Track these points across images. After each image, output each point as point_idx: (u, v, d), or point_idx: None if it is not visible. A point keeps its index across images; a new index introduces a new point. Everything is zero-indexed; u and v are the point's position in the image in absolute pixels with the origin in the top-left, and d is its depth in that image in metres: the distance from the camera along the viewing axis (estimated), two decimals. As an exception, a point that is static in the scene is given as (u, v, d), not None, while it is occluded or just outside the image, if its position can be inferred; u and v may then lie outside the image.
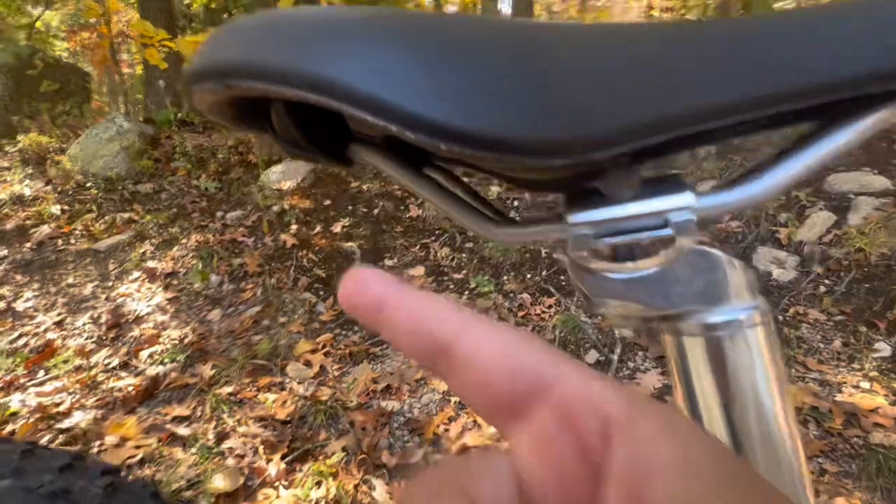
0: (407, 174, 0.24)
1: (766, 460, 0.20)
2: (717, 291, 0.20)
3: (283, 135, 0.23)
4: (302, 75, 0.17)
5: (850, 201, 2.37)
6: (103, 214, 3.08)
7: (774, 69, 0.17)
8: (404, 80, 0.17)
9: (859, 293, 2.03)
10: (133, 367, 1.97)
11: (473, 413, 1.66)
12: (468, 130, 0.17)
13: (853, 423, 1.52)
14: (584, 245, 0.21)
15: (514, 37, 0.18)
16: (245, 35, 0.20)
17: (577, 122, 0.17)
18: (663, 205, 0.20)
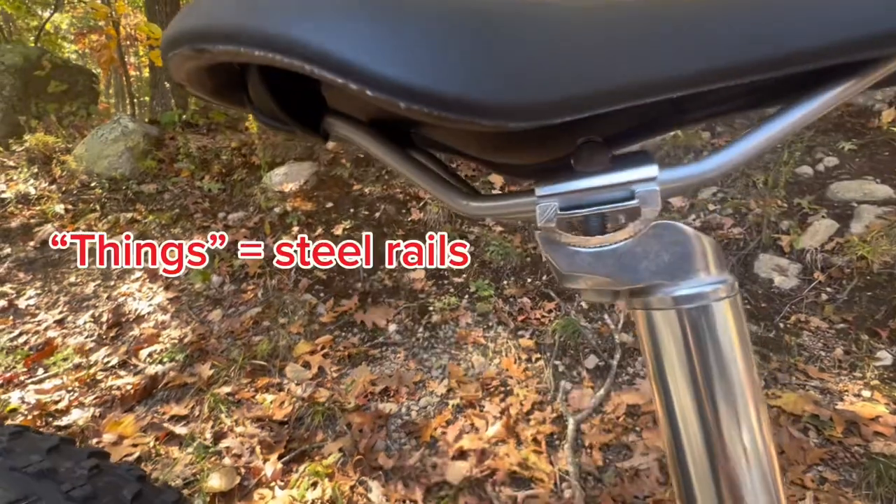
0: (388, 151, 0.24)
1: (731, 434, 0.20)
2: (685, 265, 0.21)
3: (260, 106, 0.23)
4: (267, 36, 0.18)
5: (853, 209, 2.36)
6: (107, 214, 3.10)
7: (723, 44, 0.17)
8: (367, 40, 0.17)
9: (861, 301, 2.01)
10: (132, 366, 1.97)
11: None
12: (426, 90, 0.17)
13: (854, 432, 1.51)
14: (551, 216, 0.21)
15: (476, 6, 0.19)
16: (216, 2, 0.20)
17: (529, 88, 0.18)
18: (628, 177, 0.21)
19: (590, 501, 1.37)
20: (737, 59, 0.17)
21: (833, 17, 0.17)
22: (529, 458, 1.49)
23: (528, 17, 0.18)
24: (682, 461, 0.21)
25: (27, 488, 0.29)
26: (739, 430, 0.21)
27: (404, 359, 1.97)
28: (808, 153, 2.77)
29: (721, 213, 2.58)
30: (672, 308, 0.21)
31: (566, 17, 0.18)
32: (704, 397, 0.21)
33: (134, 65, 11.76)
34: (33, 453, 0.33)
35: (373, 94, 0.17)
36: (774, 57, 0.17)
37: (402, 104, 0.17)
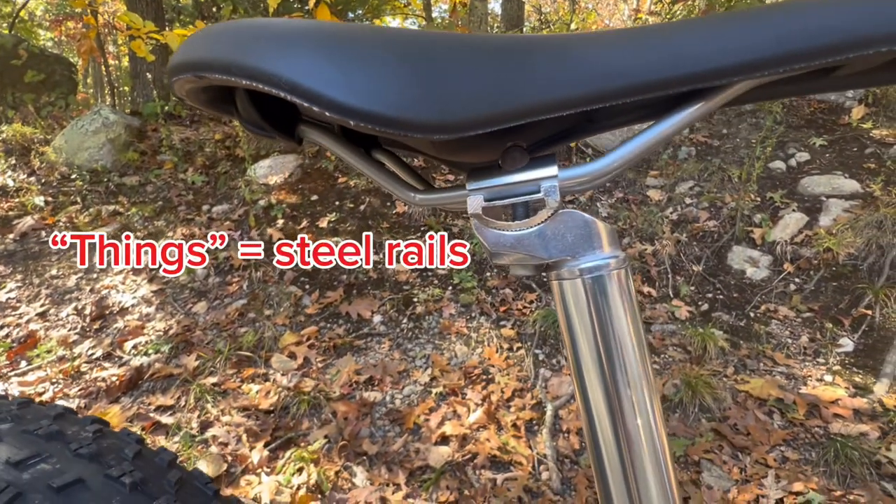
0: (351, 153, 0.29)
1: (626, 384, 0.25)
2: (585, 244, 0.26)
3: (245, 116, 0.28)
4: (252, 70, 0.23)
5: (822, 203, 2.46)
6: (88, 206, 3.07)
7: (607, 72, 0.22)
8: (325, 74, 0.22)
9: (827, 291, 2.11)
10: (117, 358, 1.98)
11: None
12: (369, 111, 0.22)
13: (815, 414, 1.60)
14: (477, 206, 0.26)
15: (408, 43, 0.23)
16: (214, 38, 0.25)
17: (451, 110, 0.23)
18: (535, 175, 0.26)
19: (566, 482, 1.44)
20: (618, 83, 0.22)
21: (681, 56, 0.22)
22: (509, 442, 1.55)
23: (450, 50, 0.23)
24: (588, 410, 0.27)
25: (39, 447, 0.33)
26: (627, 378, 0.26)
27: (389, 349, 2.01)
28: (780, 148, 2.86)
29: (697, 206, 2.65)
30: (578, 278, 0.26)
31: (478, 49, 0.23)
32: (602, 348, 0.26)
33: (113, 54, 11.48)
34: (41, 419, 0.36)
35: (330, 114, 0.22)
36: (640, 84, 0.22)
37: (351, 122, 0.22)
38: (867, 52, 0.19)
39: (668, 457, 0.26)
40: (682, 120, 0.24)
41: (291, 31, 0.24)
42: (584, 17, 6.60)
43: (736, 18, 0.22)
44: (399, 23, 8.69)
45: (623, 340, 0.26)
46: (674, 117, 0.24)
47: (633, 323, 0.26)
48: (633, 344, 0.26)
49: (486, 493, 1.38)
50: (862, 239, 2.17)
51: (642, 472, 0.26)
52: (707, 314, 2.12)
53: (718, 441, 1.52)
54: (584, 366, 0.27)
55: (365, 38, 0.24)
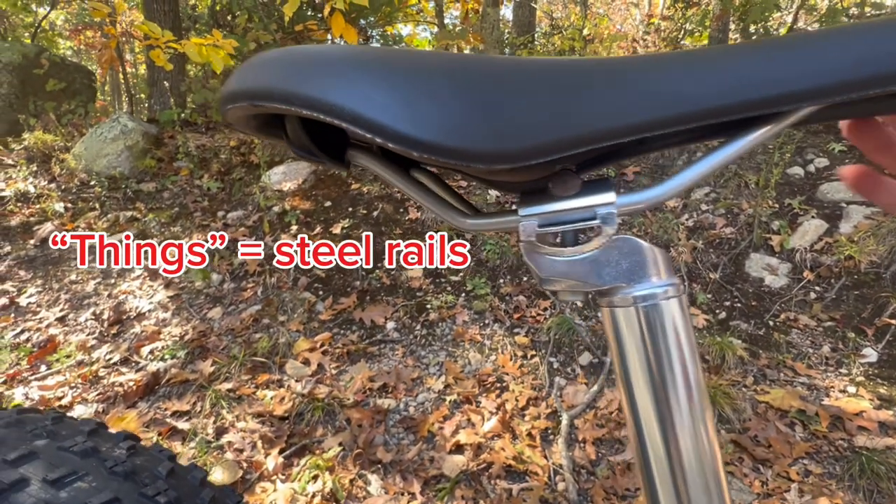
0: (395, 175, 0.29)
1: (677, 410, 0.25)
2: (640, 271, 0.26)
3: (296, 142, 0.28)
4: (313, 101, 0.23)
5: (842, 210, 2.41)
6: (106, 212, 3.12)
7: (670, 98, 0.21)
8: (389, 106, 0.22)
9: (849, 300, 2.06)
10: (134, 363, 2.00)
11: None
12: (435, 143, 0.22)
13: (838, 427, 1.56)
14: (531, 233, 0.25)
15: (466, 68, 0.23)
16: (271, 66, 0.25)
17: (512, 139, 0.23)
18: (591, 201, 0.26)
19: (582, 494, 1.42)
20: (680, 110, 0.22)
21: (751, 80, 0.21)
22: (524, 452, 1.53)
23: (509, 77, 0.23)
24: (642, 442, 0.26)
25: (75, 465, 0.33)
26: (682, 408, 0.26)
27: (402, 356, 2.01)
28: (798, 154, 2.82)
29: (714, 213, 2.62)
30: (631, 306, 0.26)
31: (538, 76, 0.23)
32: (657, 377, 0.25)
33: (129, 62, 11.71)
34: (76, 435, 0.36)
35: (393, 146, 0.22)
36: (704, 110, 0.22)
37: (415, 153, 0.22)
38: None
39: (723, 478, 0.26)
40: (746, 144, 0.23)
41: (352, 60, 0.24)
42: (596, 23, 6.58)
43: (810, 41, 0.21)
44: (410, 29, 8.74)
45: (678, 371, 0.25)
46: (737, 142, 0.24)
47: (690, 352, 0.25)
48: (690, 374, 0.25)
49: (502, 503, 1.37)
50: (885, 247, 2.12)
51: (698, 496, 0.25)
52: (725, 323, 2.09)
53: (739, 453, 1.49)
54: (637, 396, 0.26)
55: (426, 66, 0.24)
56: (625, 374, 0.26)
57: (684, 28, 5.46)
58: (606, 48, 5.82)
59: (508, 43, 6.06)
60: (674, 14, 5.57)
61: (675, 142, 0.27)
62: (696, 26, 5.33)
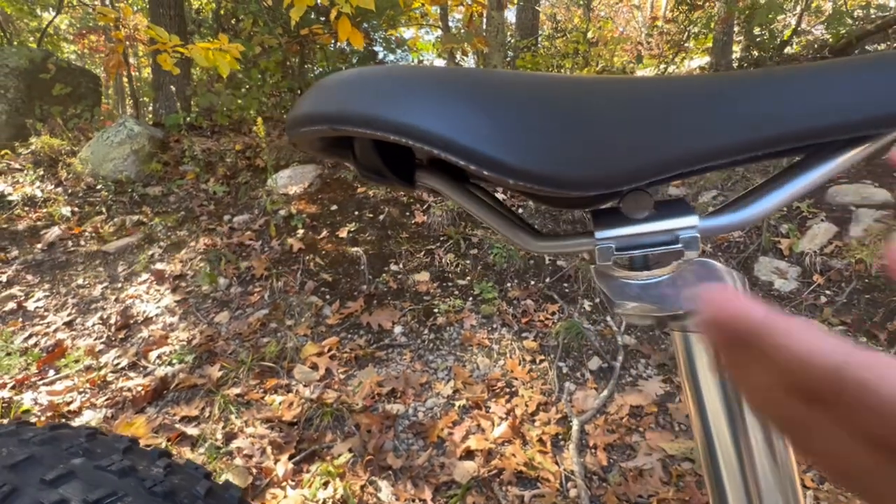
0: (464, 197, 0.28)
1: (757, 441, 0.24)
2: None
3: (366, 163, 0.28)
4: (400, 126, 0.22)
5: (852, 213, 2.40)
6: (113, 217, 3.12)
7: (758, 121, 0.21)
8: (484, 131, 0.22)
9: (860, 304, 2.05)
10: (142, 368, 2.00)
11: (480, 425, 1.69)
12: (529, 170, 0.21)
13: (852, 433, 1.54)
14: (608, 256, 0.25)
15: (559, 98, 0.22)
16: (350, 89, 0.24)
17: (604, 164, 0.22)
18: (674, 224, 0.25)
19: (595, 500, 1.40)
20: (768, 133, 0.21)
21: (853, 101, 0.20)
22: (535, 457, 1.52)
23: (599, 101, 0.22)
24: (715, 466, 0.25)
25: (114, 485, 0.32)
26: (764, 437, 0.24)
27: (410, 360, 2.00)
28: (807, 157, 2.81)
29: (721, 216, 2.61)
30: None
31: (627, 98, 0.22)
32: (733, 403, 0.24)
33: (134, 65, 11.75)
34: (112, 453, 0.36)
35: (488, 173, 0.22)
36: (800, 131, 0.21)
37: (510, 181, 0.22)
38: None
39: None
40: (840, 164, 0.23)
41: (438, 83, 0.23)
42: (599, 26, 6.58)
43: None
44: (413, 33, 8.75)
45: None
46: (831, 161, 0.23)
47: None
48: None
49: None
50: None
51: None
52: (734, 327, 2.08)
53: (752, 459, 1.47)
54: (712, 422, 0.25)
55: (515, 89, 0.23)
56: (697, 398, 0.25)
57: (688, 31, 5.46)
58: (611, 51, 5.82)
59: (512, 46, 6.06)
60: (678, 17, 5.57)
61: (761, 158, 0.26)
62: (700, 29, 5.32)
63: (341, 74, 0.25)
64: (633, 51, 6.47)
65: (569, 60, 5.35)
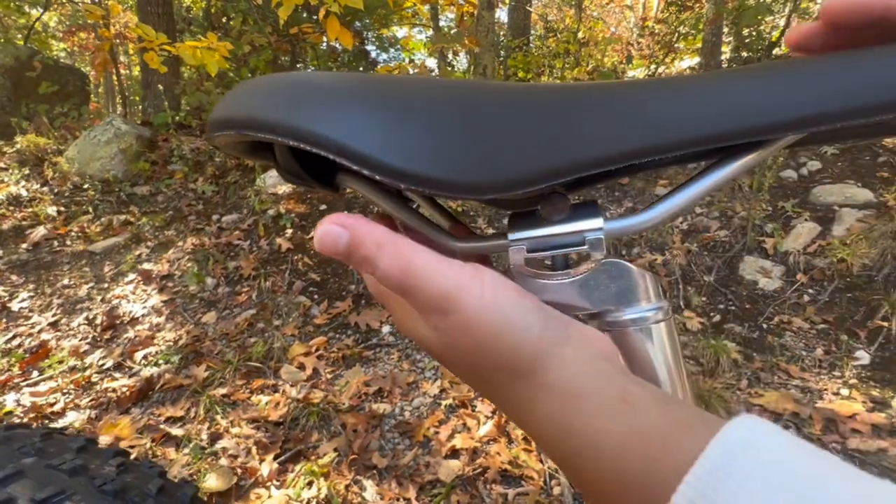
0: (386, 200, 0.29)
1: None
2: (629, 295, 0.26)
3: (285, 167, 0.28)
4: (300, 132, 0.22)
5: (835, 213, 2.43)
6: (99, 216, 3.10)
7: (657, 126, 0.21)
8: (377, 139, 0.22)
9: (841, 302, 2.08)
10: (127, 369, 1.99)
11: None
12: (422, 175, 0.22)
13: (832, 429, 1.57)
14: (520, 258, 0.25)
15: (453, 98, 0.23)
16: (257, 95, 0.25)
17: (499, 169, 0.23)
18: (580, 227, 0.26)
19: (577, 498, 1.42)
20: (671, 137, 0.22)
21: (739, 109, 0.21)
22: (520, 456, 1.53)
23: (496, 107, 0.23)
24: None
25: (63, 484, 0.33)
26: None
27: (398, 360, 2.01)
28: (792, 157, 2.84)
29: (708, 216, 2.63)
30: (620, 329, 0.26)
31: (525, 104, 0.23)
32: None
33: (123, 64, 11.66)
34: (65, 452, 0.36)
35: (380, 178, 0.22)
36: (694, 137, 0.22)
37: (402, 185, 0.23)
38: None
39: None
40: (736, 169, 0.24)
41: (338, 90, 0.23)
42: (590, 26, 6.61)
43: (796, 70, 0.21)
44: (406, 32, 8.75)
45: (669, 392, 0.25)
46: (727, 167, 0.24)
47: (677, 373, 0.26)
48: (678, 393, 0.25)
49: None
50: (877, 249, 2.14)
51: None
52: (719, 325, 2.10)
53: (733, 456, 1.49)
54: None
55: (413, 95, 0.23)
56: None
57: (678, 32, 5.50)
58: (601, 51, 5.85)
59: (504, 46, 6.08)
60: (668, 17, 5.61)
61: (667, 163, 0.27)
62: (689, 30, 5.37)
63: (254, 80, 0.25)
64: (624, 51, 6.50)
65: (559, 60, 5.37)
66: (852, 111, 0.19)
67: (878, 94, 0.19)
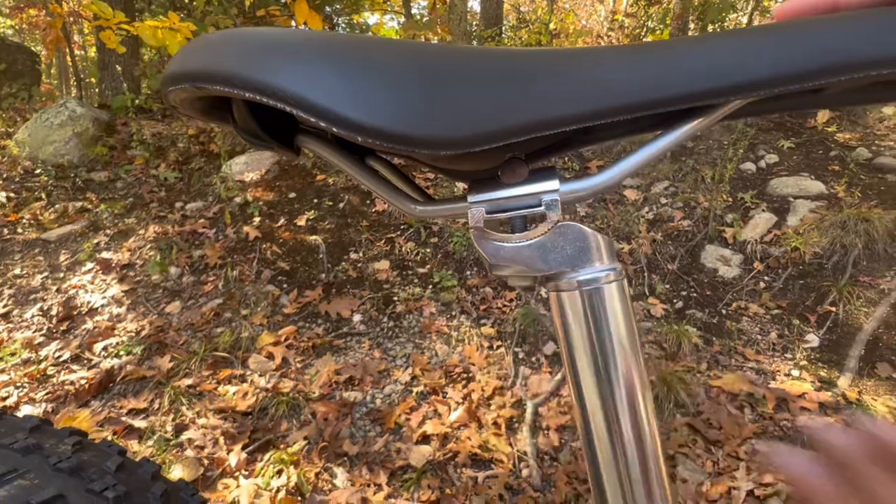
0: (346, 161, 0.29)
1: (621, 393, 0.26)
2: (584, 256, 0.27)
3: (243, 126, 0.28)
4: (256, 83, 0.22)
5: (790, 204, 2.54)
6: (54, 203, 2.95)
7: (606, 90, 0.22)
8: (334, 90, 0.22)
9: (794, 289, 2.18)
10: (86, 360, 1.91)
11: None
12: (377, 128, 0.22)
13: (783, 408, 1.66)
14: (479, 218, 0.26)
15: (414, 61, 0.23)
16: (215, 47, 0.25)
17: (458, 126, 0.23)
18: (536, 189, 0.27)
19: (546, 479, 1.45)
20: (616, 101, 0.23)
21: (680, 75, 0.22)
22: (490, 440, 1.56)
23: (456, 64, 0.23)
24: (586, 417, 0.27)
25: (16, 462, 0.31)
26: (622, 385, 0.27)
27: (369, 348, 2.00)
28: (751, 150, 2.95)
29: (672, 206, 2.72)
30: (575, 290, 0.27)
31: (484, 64, 0.23)
32: (599, 359, 0.26)
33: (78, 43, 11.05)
34: (17, 432, 0.35)
35: (337, 130, 0.22)
36: (639, 102, 0.23)
37: (359, 138, 0.22)
38: (858, 75, 0.20)
39: (660, 451, 0.27)
40: (680, 135, 0.25)
41: (298, 43, 0.23)
42: (562, 17, 6.66)
43: (733, 39, 0.22)
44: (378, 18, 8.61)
45: (619, 350, 0.27)
46: (672, 133, 0.25)
47: (629, 333, 0.27)
48: (629, 353, 0.27)
49: (468, 491, 1.39)
50: (827, 238, 2.25)
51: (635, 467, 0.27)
52: (682, 311, 2.17)
53: (693, 436, 1.56)
54: (581, 374, 0.27)
55: (372, 50, 0.23)
56: (570, 356, 0.27)
57: (647, 26, 5.60)
58: (572, 43, 5.91)
59: (476, 35, 6.05)
60: (637, 11, 5.71)
61: (620, 133, 0.28)
62: (657, 24, 5.48)
63: (209, 34, 0.25)
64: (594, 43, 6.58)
65: (531, 51, 5.39)
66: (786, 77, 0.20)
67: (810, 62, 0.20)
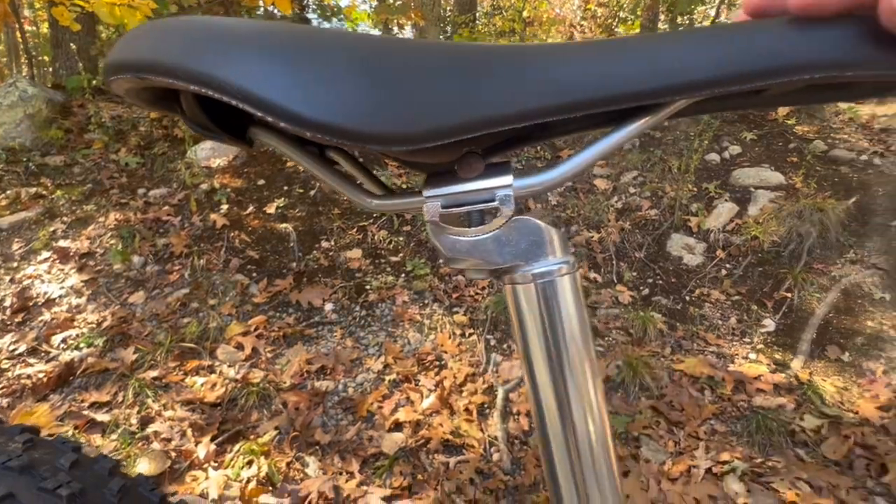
0: (299, 153, 0.28)
1: (574, 382, 0.27)
2: (537, 250, 0.28)
3: (192, 117, 0.27)
4: (201, 76, 0.21)
5: (751, 194, 2.64)
6: (5, 189, 2.80)
7: (557, 89, 0.23)
8: (281, 84, 0.22)
9: (753, 276, 2.28)
10: (44, 353, 1.84)
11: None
12: (325, 123, 0.22)
13: (741, 390, 1.74)
14: (434, 213, 0.26)
15: (362, 52, 0.23)
16: (158, 37, 0.24)
17: (410, 122, 0.23)
18: (490, 184, 0.27)
19: (516, 463, 1.49)
20: (566, 99, 0.23)
21: (627, 75, 0.23)
22: (462, 426, 1.58)
23: (409, 59, 0.23)
24: (539, 405, 0.28)
25: (-39, 462, 0.30)
26: (573, 372, 0.28)
27: (341, 337, 1.99)
28: (716, 141, 3.03)
29: (640, 195, 2.78)
30: (531, 283, 0.28)
31: (437, 59, 0.23)
32: (552, 350, 0.27)
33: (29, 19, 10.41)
34: (-37, 431, 0.33)
35: (284, 124, 0.22)
36: (588, 100, 0.23)
37: (308, 133, 0.22)
38: (793, 78, 0.21)
39: (609, 438, 0.29)
40: (629, 133, 0.25)
41: (247, 34, 0.23)
42: (535, 6, 6.66)
43: (681, 40, 0.23)
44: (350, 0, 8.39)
45: (570, 340, 0.28)
46: (621, 130, 0.26)
47: (580, 323, 0.28)
48: (580, 342, 0.28)
49: (439, 476, 1.41)
50: (784, 228, 2.35)
51: (586, 454, 0.28)
52: (648, 298, 2.24)
53: (656, 417, 1.62)
54: (534, 363, 0.28)
55: (322, 43, 0.23)
56: (525, 347, 0.28)
57: (618, 16, 5.66)
58: (545, 31, 5.92)
59: (450, 21, 5.99)
60: (608, 1, 5.75)
61: (575, 128, 0.29)
62: (629, 14, 5.53)
63: (154, 22, 0.24)
64: (567, 32, 6.61)
65: (505, 39, 5.38)
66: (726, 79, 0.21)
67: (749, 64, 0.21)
